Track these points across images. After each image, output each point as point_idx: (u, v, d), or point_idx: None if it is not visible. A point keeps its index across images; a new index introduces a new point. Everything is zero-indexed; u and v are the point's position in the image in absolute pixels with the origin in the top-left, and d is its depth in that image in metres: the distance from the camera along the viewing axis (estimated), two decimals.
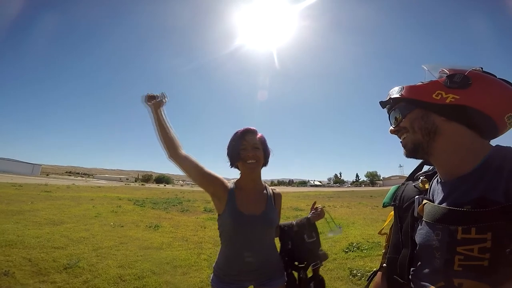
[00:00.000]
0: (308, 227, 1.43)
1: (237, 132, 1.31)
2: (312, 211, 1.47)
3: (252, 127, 1.32)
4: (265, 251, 1.27)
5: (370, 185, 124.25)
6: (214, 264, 1.32)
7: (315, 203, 1.51)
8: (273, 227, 1.32)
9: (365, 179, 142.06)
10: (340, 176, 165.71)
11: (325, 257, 1.43)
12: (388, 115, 0.76)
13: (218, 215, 1.28)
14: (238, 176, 1.35)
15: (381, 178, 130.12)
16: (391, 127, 0.75)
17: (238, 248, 1.23)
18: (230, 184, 1.30)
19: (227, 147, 1.33)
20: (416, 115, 0.68)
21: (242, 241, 1.22)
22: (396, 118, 0.72)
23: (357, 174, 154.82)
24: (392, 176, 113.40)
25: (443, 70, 0.66)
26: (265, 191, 1.35)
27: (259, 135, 1.32)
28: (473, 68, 0.64)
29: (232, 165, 1.33)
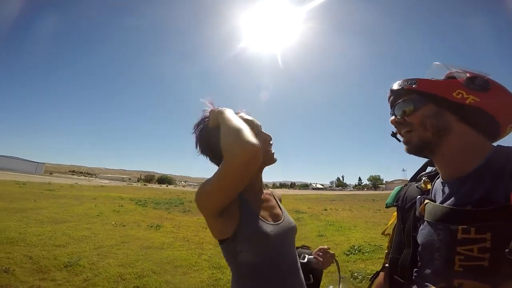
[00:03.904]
0: (305, 268, 1.01)
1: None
2: (318, 253, 1.03)
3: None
4: (300, 271, 0.90)
5: (373, 188, 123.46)
6: None
7: (328, 248, 1.05)
8: None
9: (367, 182, 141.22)
10: (343, 179, 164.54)
11: None
12: (392, 106, 0.72)
13: (226, 238, 0.79)
14: None
15: (384, 182, 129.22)
16: (396, 118, 0.71)
17: (281, 276, 0.81)
18: None
19: (198, 133, 0.90)
20: (429, 112, 0.66)
21: (283, 265, 0.82)
22: (404, 110, 0.69)
23: (359, 177, 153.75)
24: (395, 180, 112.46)
25: (459, 71, 0.66)
26: (266, 191, 1.02)
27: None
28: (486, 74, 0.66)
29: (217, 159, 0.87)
